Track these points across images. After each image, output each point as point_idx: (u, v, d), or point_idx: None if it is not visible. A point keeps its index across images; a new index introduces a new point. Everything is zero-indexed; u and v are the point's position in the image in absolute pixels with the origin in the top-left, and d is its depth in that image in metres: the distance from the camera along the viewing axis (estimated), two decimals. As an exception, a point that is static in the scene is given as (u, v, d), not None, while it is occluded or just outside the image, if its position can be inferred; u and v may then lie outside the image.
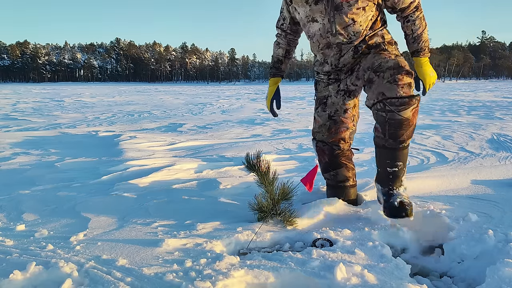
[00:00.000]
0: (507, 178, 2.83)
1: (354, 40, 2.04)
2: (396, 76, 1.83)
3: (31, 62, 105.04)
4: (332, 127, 2.22)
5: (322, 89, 2.25)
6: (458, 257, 1.75)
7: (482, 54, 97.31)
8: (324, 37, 2.05)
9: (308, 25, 2.07)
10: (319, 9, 1.98)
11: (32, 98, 18.40)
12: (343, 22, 1.98)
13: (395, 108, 1.83)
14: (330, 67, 2.15)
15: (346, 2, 1.93)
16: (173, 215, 2.11)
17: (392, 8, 2.05)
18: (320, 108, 2.24)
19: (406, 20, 2.06)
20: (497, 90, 23.09)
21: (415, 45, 2.08)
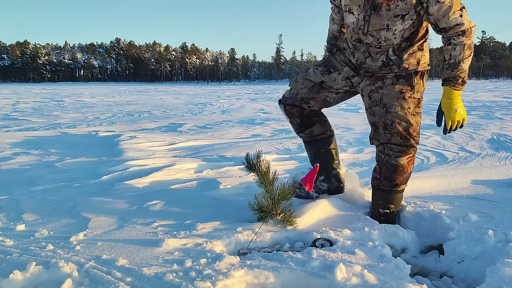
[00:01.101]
0: (507, 178, 2.83)
1: (384, 46, 1.93)
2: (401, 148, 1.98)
3: (31, 62, 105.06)
4: (315, 88, 2.19)
5: (339, 60, 2.16)
6: (458, 257, 1.75)
7: (482, 54, 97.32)
8: (356, 32, 1.98)
9: (345, 14, 2.01)
10: (358, 2, 1.89)
11: (32, 98, 18.40)
12: (378, 25, 1.87)
13: (392, 153, 1.98)
14: (356, 61, 2.08)
15: (386, 4, 1.80)
16: (173, 215, 2.11)
17: (435, 25, 1.83)
18: (322, 68, 2.18)
19: (448, 42, 1.84)
20: (497, 90, 23.10)
21: (448, 72, 1.84)
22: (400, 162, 1.99)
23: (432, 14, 1.80)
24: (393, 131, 1.95)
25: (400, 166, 2.00)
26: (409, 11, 1.82)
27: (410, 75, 1.98)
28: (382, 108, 1.97)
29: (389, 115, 1.95)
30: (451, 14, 1.77)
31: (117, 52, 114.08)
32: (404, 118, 1.94)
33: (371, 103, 2.03)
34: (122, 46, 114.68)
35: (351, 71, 2.12)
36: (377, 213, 2.11)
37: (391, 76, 1.99)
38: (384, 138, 2.01)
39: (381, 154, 2.03)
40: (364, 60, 2.02)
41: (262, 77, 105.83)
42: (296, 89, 2.23)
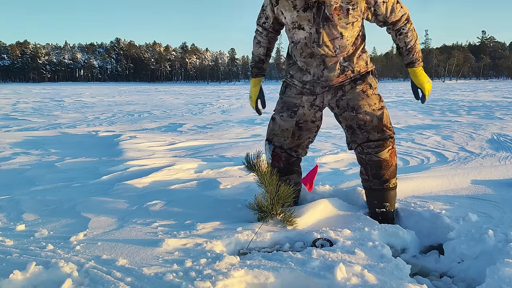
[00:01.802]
0: (507, 178, 2.83)
1: (339, 54, 2.01)
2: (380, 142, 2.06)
3: (31, 62, 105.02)
4: (297, 133, 2.18)
5: (293, 96, 2.16)
6: (458, 257, 1.75)
7: (482, 54, 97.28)
8: (309, 46, 1.99)
9: (294, 31, 2.00)
10: (307, 17, 1.92)
11: (32, 98, 18.40)
12: (331, 34, 1.94)
13: (371, 151, 2.06)
14: (312, 78, 2.08)
15: (336, 14, 1.90)
16: (173, 215, 2.11)
17: (384, 22, 2.04)
18: (287, 114, 2.17)
19: (398, 33, 2.07)
20: (497, 90, 23.10)
21: (409, 57, 2.10)
22: (381, 156, 2.07)
23: (381, 14, 1.99)
24: (368, 128, 2.06)
25: (384, 161, 2.08)
26: (358, 18, 1.95)
27: (364, 76, 2.11)
28: (351, 111, 2.07)
29: (360, 115, 2.06)
30: (396, 8, 1.99)
31: (117, 52, 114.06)
32: (374, 113, 2.06)
33: (340, 111, 2.12)
34: (122, 46, 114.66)
35: (310, 96, 2.14)
36: (374, 213, 2.13)
37: (348, 82, 2.09)
38: (363, 138, 2.08)
39: (361, 155, 2.11)
40: (322, 73, 2.05)
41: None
42: (279, 142, 2.20)
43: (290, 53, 2.17)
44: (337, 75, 2.05)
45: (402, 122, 7.17)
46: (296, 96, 2.15)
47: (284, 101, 2.20)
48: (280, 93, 2.26)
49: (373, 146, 2.07)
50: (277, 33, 2.23)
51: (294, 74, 2.15)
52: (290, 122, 2.16)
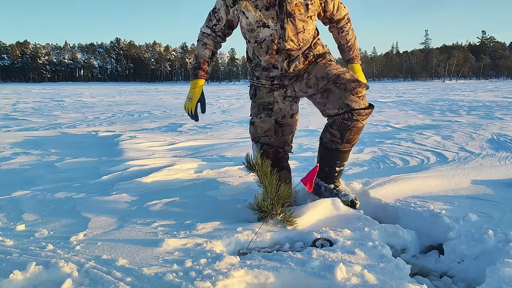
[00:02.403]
0: (507, 178, 2.83)
1: (303, 47, 2.13)
2: (358, 90, 2.11)
3: (31, 62, 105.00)
4: (279, 130, 2.23)
5: (264, 95, 2.23)
6: (458, 257, 1.75)
7: (482, 54, 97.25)
8: (275, 43, 2.08)
9: (258, 30, 2.06)
10: (271, 15, 2.02)
11: (32, 98, 18.40)
12: (295, 29, 2.05)
13: (360, 118, 2.13)
14: (280, 72, 2.17)
15: (298, 10, 2.02)
16: (173, 215, 2.11)
17: (330, 19, 2.22)
18: (264, 114, 2.23)
19: (340, 30, 2.27)
20: (497, 90, 23.10)
21: (350, 53, 2.32)
22: (364, 123, 2.18)
23: (329, 11, 2.17)
24: (344, 81, 2.12)
25: (362, 127, 2.19)
26: (315, 12, 2.11)
27: (322, 54, 2.24)
28: (323, 79, 2.16)
29: (331, 77, 2.15)
30: (340, 7, 2.20)
31: (117, 52, 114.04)
32: (342, 70, 2.18)
33: (313, 89, 2.18)
34: (122, 46, 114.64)
35: (281, 90, 2.22)
36: (332, 171, 2.25)
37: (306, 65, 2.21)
38: (341, 94, 2.10)
39: (347, 121, 2.13)
40: (289, 66, 2.15)
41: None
42: (265, 141, 2.24)
43: (251, 56, 2.25)
44: (302, 62, 2.17)
45: (402, 122, 7.17)
46: (268, 94, 2.23)
47: (258, 103, 2.26)
48: (251, 97, 2.31)
49: (363, 114, 2.13)
50: (223, 39, 2.28)
51: (260, 75, 2.23)
52: (270, 121, 2.22)
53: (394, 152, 4.11)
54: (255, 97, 2.28)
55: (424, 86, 39.28)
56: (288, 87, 2.22)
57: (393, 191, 2.49)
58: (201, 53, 2.24)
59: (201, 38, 2.24)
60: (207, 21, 2.22)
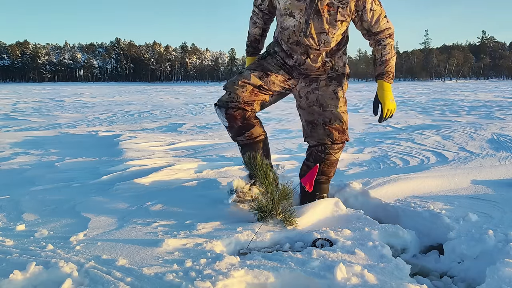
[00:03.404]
0: (507, 178, 2.83)
1: (322, 48, 2.10)
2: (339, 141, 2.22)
3: (31, 62, 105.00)
4: (255, 91, 2.18)
5: (273, 64, 2.22)
6: (458, 257, 1.75)
7: (482, 54, 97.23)
8: (297, 35, 2.09)
9: (285, 17, 2.08)
10: (300, 6, 2.01)
11: (32, 98, 18.40)
12: (319, 28, 2.04)
13: (333, 152, 2.23)
14: (294, 63, 2.19)
15: (327, 9, 1.99)
16: (173, 215, 2.11)
17: (368, 30, 2.13)
18: (258, 72, 2.19)
19: (377, 43, 2.14)
20: (497, 90, 23.09)
21: (381, 68, 2.15)
22: (337, 157, 2.28)
23: (366, 21, 2.08)
24: (331, 128, 2.19)
25: (337, 160, 2.29)
26: (347, 17, 2.05)
27: (339, 76, 2.23)
28: (319, 107, 2.19)
29: (327, 114, 2.18)
30: (381, 20, 2.09)
31: (117, 52, 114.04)
32: (339, 115, 2.20)
33: (309, 103, 2.22)
34: (122, 46, 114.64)
35: (286, 74, 2.22)
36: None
37: (324, 77, 2.21)
38: (323, 137, 2.21)
39: (321, 153, 2.24)
40: (304, 61, 2.15)
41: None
42: (236, 93, 2.16)
43: (276, 36, 2.26)
44: (318, 67, 2.16)
45: (402, 122, 7.17)
46: (275, 66, 2.23)
47: (261, 63, 2.24)
48: (258, 57, 2.32)
49: (336, 148, 2.23)
50: (272, 15, 2.30)
51: (278, 51, 2.24)
52: (257, 81, 2.18)
53: (394, 152, 4.11)
54: (262, 58, 2.28)
55: (424, 86, 39.28)
56: (293, 78, 2.23)
57: (393, 191, 2.49)
58: (252, 31, 2.36)
59: (252, 16, 2.33)
60: (254, 0, 2.29)
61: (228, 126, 2.23)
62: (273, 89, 2.21)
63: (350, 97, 17.26)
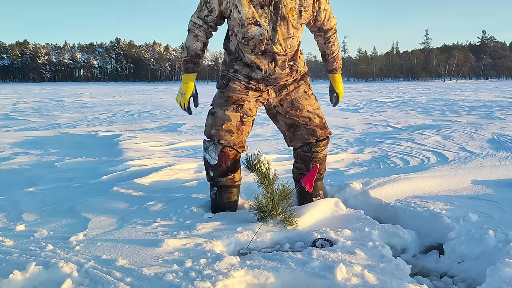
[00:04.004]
0: (508, 178, 2.83)
1: (288, 53, 2.11)
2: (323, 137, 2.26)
3: (30, 62, 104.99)
4: (240, 128, 2.14)
5: (238, 90, 2.13)
6: (459, 257, 1.75)
7: (482, 54, 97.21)
8: (264, 43, 2.02)
9: (249, 27, 1.99)
10: (264, 13, 1.96)
11: (31, 98, 18.40)
12: (286, 34, 2.03)
13: (319, 149, 2.27)
14: (263, 74, 2.10)
15: (291, 14, 1.99)
16: (173, 215, 2.11)
17: (319, 28, 2.21)
18: (232, 108, 2.12)
19: (327, 41, 2.27)
20: (498, 90, 23.09)
21: (334, 64, 2.34)
22: (325, 153, 2.32)
23: (320, 20, 2.15)
24: (313, 126, 2.23)
25: (325, 157, 2.34)
26: (307, 20, 2.10)
27: (304, 76, 2.27)
28: (296, 110, 2.21)
29: (304, 114, 2.22)
30: (331, 17, 2.19)
31: (117, 52, 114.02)
32: (316, 112, 2.25)
33: (285, 110, 2.22)
34: (122, 46, 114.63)
35: (256, 92, 2.16)
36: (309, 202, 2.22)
37: (290, 81, 2.21)
38: (307, 137, 2.23)
39: (308, 153, 2.27)
40: (273, 70, 2.11)
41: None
42: (226, 139, 2.12)
43: (234, 50, 2.14)
44: (286, 73, 2.16)
45: (402, 122, 7.17)
46: (242, 90, 2.14)
47: (228, 95, 2.14)
48: (220, 86, 2.20)
49: (321, 145, 2.27)
50: (215, 29, 2.17)
51: (240, 69, 2.14)
52: (235, 116, 2.12)
53: (395, 152, 4.11)
54: (225, 88, 2.16)
55: (424, 86, 39.29)
56: (263, 92, 2.17)
57: (393, 191, 2.49)
58: (193, 45, 2.13)
59: (192, 29, 2.13)
60: (198, 11, 2.10)
61: (216, 165, 2.15)
62: (252, 115, 2.17)
63: (350, 97, 17.27)
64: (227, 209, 2.19)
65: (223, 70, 2.24)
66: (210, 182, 2.24)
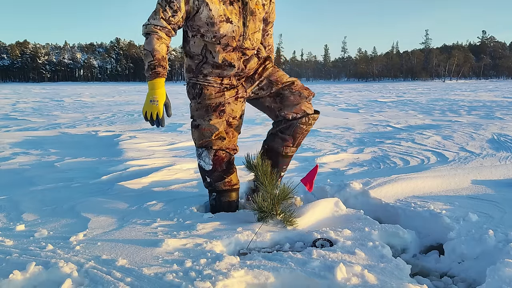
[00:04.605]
0: (508, 178, 2.83)
1: (255, 46, 2.16)
2: (310, 97, 2.25)
3: (30, 62, 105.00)
4: (230, 132, 2.13)
5: (214, 95, 2.08)
6: (459, 257, 1.75)
7: (482, 54, 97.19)
8: (236, 39, 2.03)
9: (220, 25, 1.96)
10: (234, 10, 1.99)
11: (31, 98, 18.40)
12: (253, 28, 2.08)
13: (313, 122, 2.28)
14: (237, 71, 2.11)
15: (257, 8, 2.06)
16: (173, 215, 2.11)
17: (264, 20, 2.26)
18: (215, 116, 2.08)
19: (266, 33, 2.37)
20: (498, 90, 23.09)
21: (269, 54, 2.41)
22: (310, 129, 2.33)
23: (268, 12, 2.23)
24: (297, 88, 2.23)
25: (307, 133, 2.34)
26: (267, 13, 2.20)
27: (266, 58, 2.33)
28: (276, 84, 2.23)
29: (284, 81, 2.24)
30: (274, 12, 2.28)
31: (117, 52, 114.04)
32: (292, 78, 2.28)
33: (266, 91, 2.24)
34: (122, 46, 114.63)
35: (232, 91, 2.13)
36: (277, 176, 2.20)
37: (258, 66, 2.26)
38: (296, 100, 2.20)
39: (304, 125, 2.24)
40: (244, 66, 2.14)
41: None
42: (219, 146, 2.10)
43: (199, 52, 2.06)
44: (255, 62, 2.21)
45: (402, 122, 7.17)
46: (217, 94, 2.09)
47: (206, 104, 2.08)
48: (194, 97, 2.12)
49: (315, 118, 2.28)
50: (175, 34, 2.03)
51: (210, 73, 2.09)
52: (221, 123, 2.09)
53: (394, 152, 4.11)
54: (200, 97, 2.10)
55: (424, 86, 39.29)
56: (238, 87, 2.16)
57: (393, 191, 2.49)
58: (158, 48, 1.92)
59: (153, 32, 1.93)
60: (159, 12, 1.93)
61: (211, 170, 2.13)
62: (236, 115, 2.15)
63: (350, 97, 17.26)
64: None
65: (190, 78, 2.14)
66: (208, 188, 2.22)
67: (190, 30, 2.05)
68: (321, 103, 13.62)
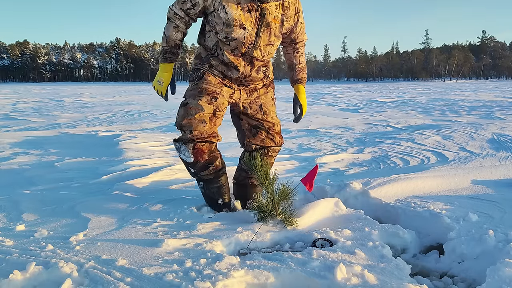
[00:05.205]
0: (508, 178, 2.83)
1: (266, 60, 2.18)
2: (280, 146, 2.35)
3: (30, 62, 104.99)
4: (213, 119, 2.12)
5: (213, 83, 2.13)
6: (459, 257, 1.75)
7: (482, 54, 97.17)
8: (246, 46, 2.06)
9: (234, 28, 1.99)
10: (250, 18, 2.00)
11: (31, 98, 18.40)
12: (267, 40, 2.09)
13: (274, 154, 2.35)
14: (240, 75, 2.14)
15: (274, 23, 2.05)
16: (173, 215, 2.11)
17: (292, 40, 2.31)
18: (206, 99, 2.08)
19: (296, 51, 2.37)
20: (498, 90, 23.09)
21: (300, 74, 2.39)
22: (273, 161, 2.38)
23: (295, 33, 2.25)
24: (274, 132, 2.30)
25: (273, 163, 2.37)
26: (287, 31, 2.18)
27: (271, 83, 2.37)
28: (263, 114, 2.28)
29: (269, 119, 2.29)
30: (304, 33, 2.31)
31: (117, 52, 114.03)
32: (277, 121, 2.34)
33: (253, 112, 2.28)
34: (122, 46, 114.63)
35: (229, 89, 2.19)
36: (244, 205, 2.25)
37: (260, 85, 2.29)
38: (266, 140, 2.29)
39: (264, 156, 2.30)
40: (250, 72, 2.16)
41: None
42: (198, 129, 2.07)
43: (212, 46, 2.13)
44: (260, 77, 2.22)
45: (402, 122, 7.17)
46: (217, 84, 2.14)
47: (202, 87, 2.12)
48: (193, 79, 2.19)
49: (277, 150, 2.35)
50: (195, 21, 2.17)
51: (216, 65, 2.15)
52: (209, 108, 2.09)
53: (394, 152, 4.11)
54: (199, 80, 2.15)
55: (425, 86, 39.28)
56: (235, 91, 2.21)
57: (393, 191, 2.49)
58: (172, 36, 2.12)
59: (173, 19, 2.10)
60: (181, 2, 2.06)
61: (192, 162, 2.12)
62: (223, 110, 2.16)
63: (350, 97, 17.27)
64: (220, 197, 2.20)
65: (196, 64, 2.22)
66: (195, 177, 2.25)
67: (208, 25, 2.12)
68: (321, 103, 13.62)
